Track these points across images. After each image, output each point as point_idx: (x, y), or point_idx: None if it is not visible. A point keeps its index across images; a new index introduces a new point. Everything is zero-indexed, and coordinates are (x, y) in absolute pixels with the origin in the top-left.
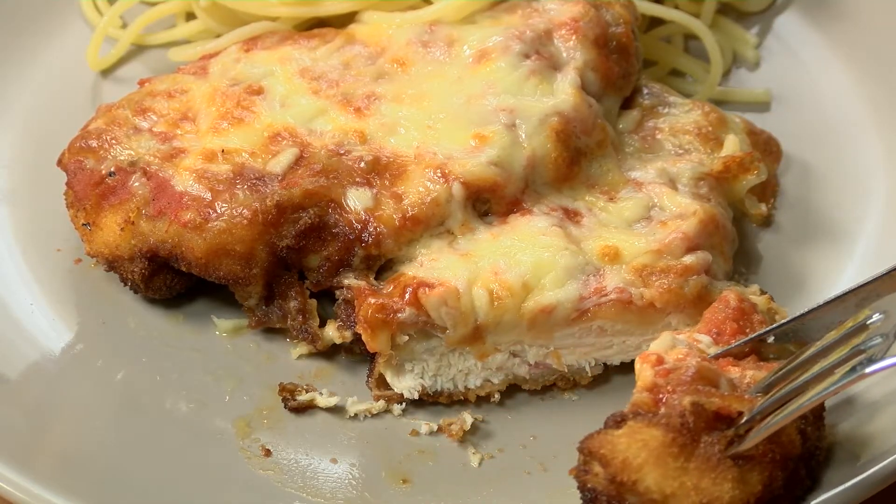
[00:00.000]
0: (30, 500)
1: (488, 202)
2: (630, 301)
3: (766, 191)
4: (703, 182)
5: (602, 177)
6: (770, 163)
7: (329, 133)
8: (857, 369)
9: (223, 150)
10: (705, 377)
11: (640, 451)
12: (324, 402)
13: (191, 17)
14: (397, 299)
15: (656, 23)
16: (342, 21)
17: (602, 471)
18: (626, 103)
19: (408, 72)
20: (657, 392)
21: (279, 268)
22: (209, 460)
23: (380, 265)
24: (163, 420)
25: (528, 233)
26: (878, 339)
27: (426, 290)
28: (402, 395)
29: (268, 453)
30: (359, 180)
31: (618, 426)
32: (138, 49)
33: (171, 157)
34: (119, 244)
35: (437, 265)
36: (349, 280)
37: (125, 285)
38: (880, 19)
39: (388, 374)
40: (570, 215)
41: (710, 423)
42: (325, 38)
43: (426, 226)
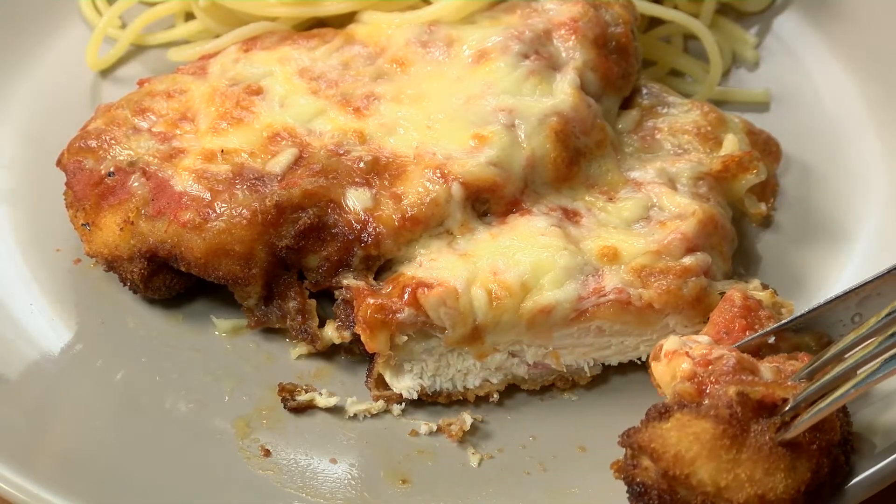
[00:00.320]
0: (29, 501)
1: (487, 202)
2: (629, 301)
3: (766, 191)
4: (702, 182)
5: (601, 177)
6: (769, 163)
7: (328, 133)
8: None
9: (222, 151)
10: (746, 367)
11: (693, 444)
12: (323, 402)
13: (190, 17)
14: (396, 299)
15: (655, 23)
16: (341, 21)
17: (652, 465)
18: (626, 103)
19: (407, 72)
20: (699, 382)
21: (278, 268)
22: (209, 460)
23: (379, 265)
24: (162, 420)
25: (527, 233)
26: None
27: (425, 290)
28: (401, 395)
29: (267, 453)
30: (358, 180)
31: (662, 418)
32: (137, 49)
33: (170, 157)
34: (118, 244)
35: (436, 265)
36: (348, 280)
37: (124, 285)
38: (880, 19)
39: (387, 375)
40: (570, 215)
41: (756, 412)
42: (324, 38)
43: (425, 226)
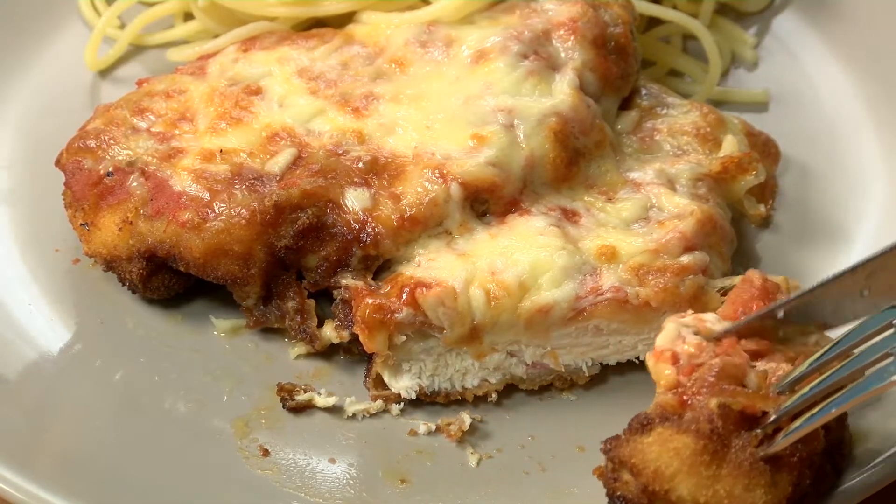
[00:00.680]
0: (28, 501)
1: (486, 202)
2: (626, 300)
3: (765, 192)
4: (701, 183)
5: (600, 177)
6: (769, 164)
7: (327, 133)
8: (885, 375)
9: (221, 151)
10: (731, 374)
11: (672, 460)
12: (322, 402)
13: (189, 17)
14: (395, 299)
15: (655, 23)
16: (340, 21)
17: (633, 479)
18: (625, 104)
19: (406, 72)
20: (681, 393)
21: (277, 268)
22: (208, 460)
23: (378, 265)
24: (161, 420)
25: (526, 233)
26: None
27: (423, 290)
28: (399, 395)
29: (266, 453)
30: (357, 180)
31: (644, 430)
32: (136, 49)
33: (169, 157)
34: (117, 244)
35: (435, 265)
36: (347, 280)
37: (123, 285)
38: (879, 19)
39: (386, 375)
40: (569, 215)
41: (738, 424)
42: (323, 38)
43: (424, 226)
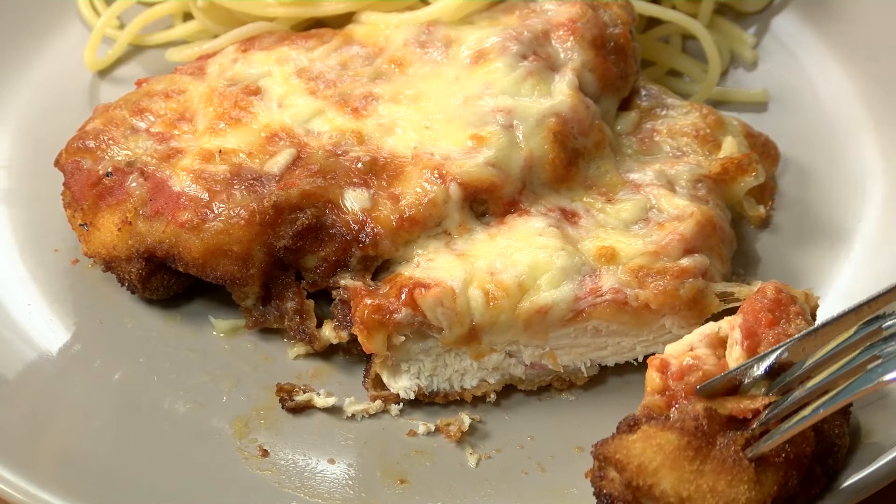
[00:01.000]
0: (27, 501)
1: (486, 203)
2: (625, 302)
3: (764, 193)
4: (701, 184)
5: (600, 178)
6: (768, 165)
7: (326, 133)
8: (874, 377)
9: (220, 151)
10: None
11: (656, 455)
12: (321, 402)
13: (188, 17)
14: (393, 300)
15: (654, 23)
16: (340, 21)
17: (618, 476)
18: (625, 105)
19: (405, 72)
20: (669, 396)
21: (276, 268)
22: (207, 460)
23: (377, 266)
24: (160, 420)
25: (525, 233)
26: (894, 345)
27: (422, 290)
28: (398, 395)
29: (265, 453)
30: (356, 181)
31: (631, 430)
32: (136, 49)
33: (168, 157)
34: (116, 244)
35: (434, 266)
36: (346, 280)
37: (122, 285)
38: (877, 19)
39: (385, 375)
40: (568, 216)
41: (724, 425)
42: (322, 38)
43: (423, 226)
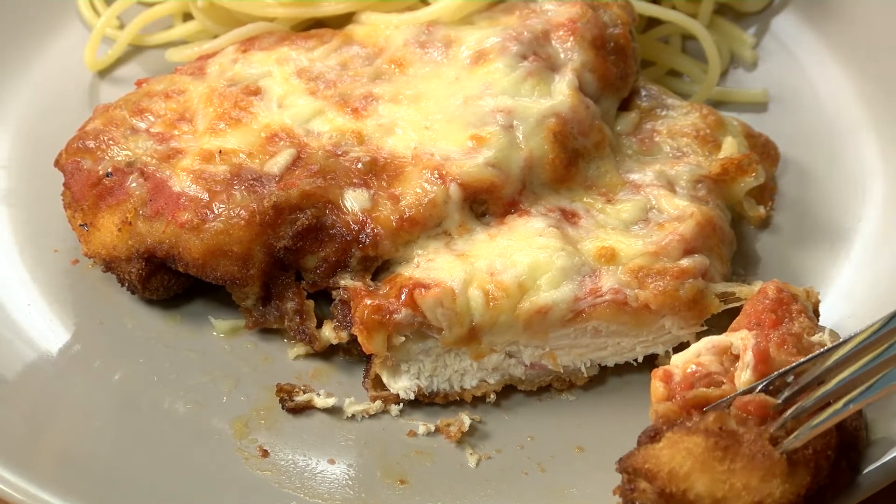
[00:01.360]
0: (27, 501)
1: (486, 203)
2: (625, 302)
3: (764, 193)
4: (701, 184)
5: (600, 178)
6: (768, 166)
7: (326, 134)
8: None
9: (220, 151)
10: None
11: (685, 459)
12: (321, 402)
13: (188, 17)
14: (393, 300)
15: (654, 23)
16: (340, 22)
17: (649, 486)
18: (625, 105)
19: (405, 72)
20: (682, 402)
21: (276, 268)
22: (207, 461)
23: (377, 266)
24: (160, 420)
25: (525, 233)
26: None
27: (422, 290)
28: (398, 395)
29: (265, 454)
30: (356, 181)
31: (653, 440)
32: (136, 49)
33: (168, 157)
34: (116, 245)
35: (434, 266)
36: (346, 281)
37: (122, 286)
38: (877, 19)
39: (385, 375)
40: (568, 216)
41: (745, 422)
42: (322, 38)
43: (423, 227)
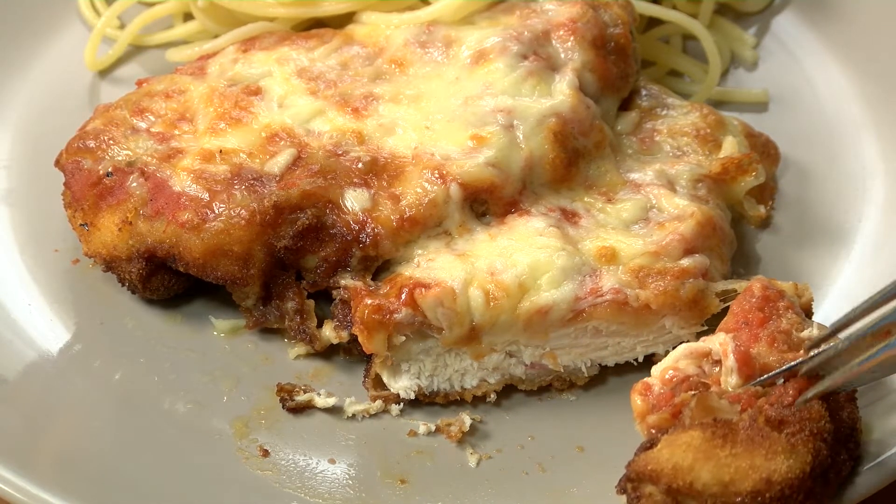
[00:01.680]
0: (28, 501)
1: (486, 203)
2: (626, 302)
3: (765, 193)
4: (701, 184)
5: (600, 178)
6: (768, 165)
7: (327, 133)
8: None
9: (221, 151)
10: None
11: (686, 453)
12: (322, 402)
13: (188, 17)
14: (394, 300)
15: (654, 23)
16: (340, 21)
17: (654, 488)
18: (625, 105)
19: (406, 72)
20: (672, 408)
21: (276, 268)
22: (207, 461)
23: (377, 266)
24: (161, 420)
25: (526, 233)
26: None
27: (422, 290)
28: (398, 395)
29: (266, 454)
30: (356, 181)
31: (651, 447)
32: (136, 49)
33: (168, 157)
34: (117, 244)
35: (434, 266)
36: (346, 280)
37: (123, 286)
38: (877, 20)
39: (385, 375)
40: (568, 216)
41: (739, 410)
42: (322, 38)
43: (424, 227)
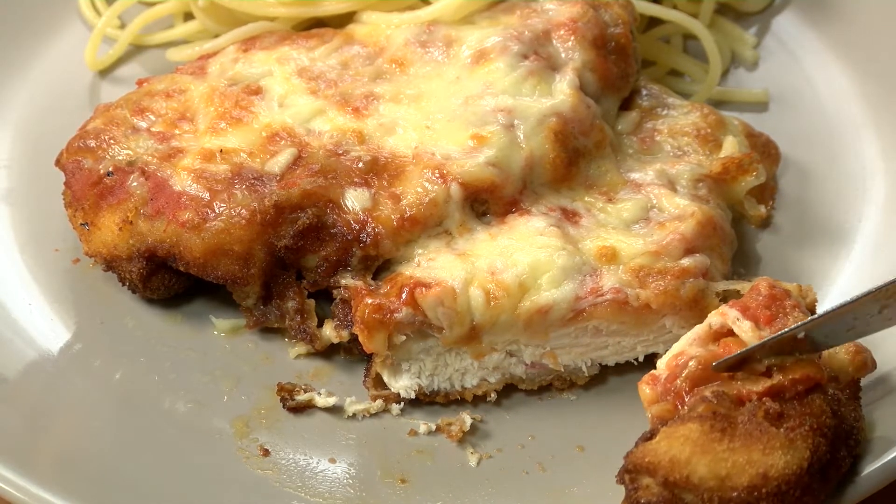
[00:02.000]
0: (28, 500)
1: (486, 203)
2: (626, 302)
3: (765, 193)
4: (701, 184)
5: (600, 177)
6: (769, 165)
7: (327, 133)
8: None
9: (221, 150)
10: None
11: (684, 446)
12: (322, 401)
13: (189, 17)
14: (394, 299)
15: (655, 23)
16: (340, 21)
17: (652, 480)
18: (625, 104)
19: (406, 72)
20: (674, 398)
21: (277, 268)
22: (207, 460)
23: (378, 265)
24: (161, 420)
25: (526, 233)
26: None
27: (423, 290)
28: (399, 394)
29: (266, 453)
30: (357, 181)
31: (650, 439)
32: (136, 49)
33: (169, 156)
34: (117, 244)
35: (435, 265)
36: (346, 280)
37: (123, 285)
38: (878, 19)
39: (385, 374)
40: (569, 216)
41: (737, 402)
42: (323, 38)
43: (424, 226)
